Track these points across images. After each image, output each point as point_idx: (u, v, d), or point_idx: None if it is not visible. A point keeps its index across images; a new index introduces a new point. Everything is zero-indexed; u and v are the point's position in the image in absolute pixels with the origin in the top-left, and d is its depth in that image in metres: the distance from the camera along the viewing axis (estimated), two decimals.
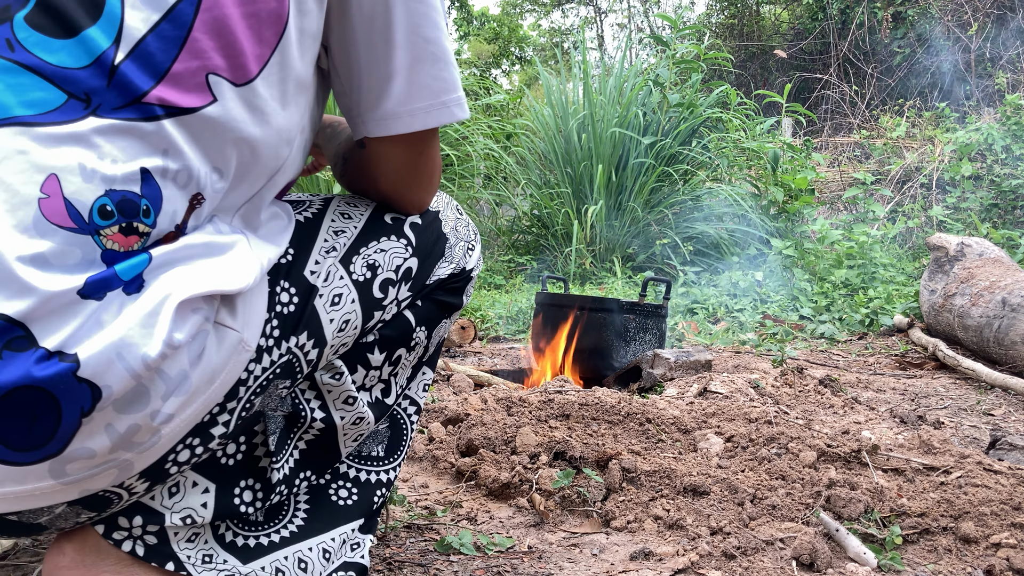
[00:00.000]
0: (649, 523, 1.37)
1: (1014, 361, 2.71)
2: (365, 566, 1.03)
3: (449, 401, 2.00)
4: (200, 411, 0.76)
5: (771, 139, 6.03)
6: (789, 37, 11.02)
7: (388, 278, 0.95)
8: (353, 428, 1.00)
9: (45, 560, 0.86)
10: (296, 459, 0.96)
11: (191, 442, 0.79)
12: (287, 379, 0.87)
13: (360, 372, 0.98)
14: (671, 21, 5.96)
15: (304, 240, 0.91)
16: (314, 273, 0.88)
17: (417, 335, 1.03)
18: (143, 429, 0.71)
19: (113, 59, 0.71)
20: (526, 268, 5.72)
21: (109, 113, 0.70)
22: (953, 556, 1.25)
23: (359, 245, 0.94)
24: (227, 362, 0.77)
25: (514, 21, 16.64)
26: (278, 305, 0.84)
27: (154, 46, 0.72)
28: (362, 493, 1.04)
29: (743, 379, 2.37)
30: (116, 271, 0.68)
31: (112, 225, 0.69)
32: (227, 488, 0.90)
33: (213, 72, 0.75)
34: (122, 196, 0.70)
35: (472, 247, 1.08)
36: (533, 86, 12.65)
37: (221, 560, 0.91)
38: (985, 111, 7.67)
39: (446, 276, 1.03)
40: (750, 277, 4.47)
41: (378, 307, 0.95)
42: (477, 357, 3.30)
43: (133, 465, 0.74)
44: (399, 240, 0.98)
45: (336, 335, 0.90)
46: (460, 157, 6.15)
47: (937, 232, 4.36)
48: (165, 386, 0.71)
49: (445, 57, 0.90)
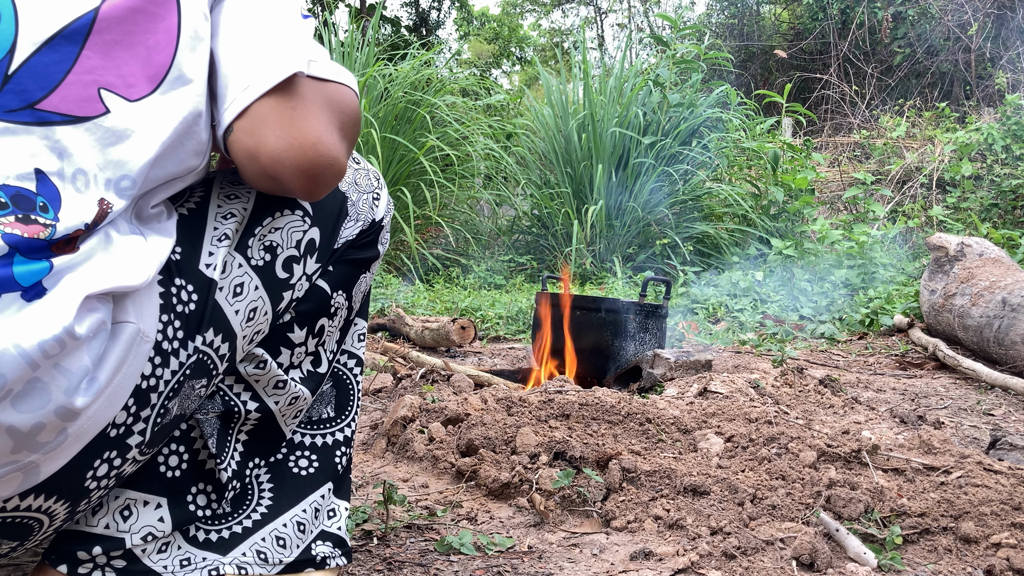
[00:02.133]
0: (649, 523, 1.37)
1: (1014, 361, 2.71)
2: (343, 538, 1.02)
3: (449, 401, 2.00)
4: (107, 410, 0.75)
5: (771, 139, 6.03)
6: (789, 37, 11.01)
7: (291, 255, 0.91)
8: (291, 408, 0.98)
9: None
10: (241, 452, 0.96)
11: (108, 455, 0.77)
12: (202, 378, 0.85)
13: (284, 354, 0.95)
14: (671, 21, 5.96)
15: (193, 232, 0.86)
16: (209, 266, 0.85)
17: (335, 300, 0.99)
18: (47, 428, 0.70)
19: (7, 69, 0.74)
20: (526, 268, 5.72)
21: (3, 115, 0.73)
22: (953, 556, 1.25)
23: (252, 226, 0.89)
24: (128, 353, 0.75)
25: (514, 21, 16.64)
26: (178, 304, 0.82)
27: (48, 58, 0.75)
28: (322, 457, 1.03)
29: (743, 379, 2.37)
30: (14, 273, 0.68)
31: (8, 215, 0.70)
32: (179, 499, 0.90)
33: (105, 88, 0.77)
34: (16, 191, 0.71)
35: (377, 195, 1.03)
36: (533, 86, 12.65)
37: (200, 559, 0.91)
38: (985, 111, 7.67)
39: (355, 236, 0.99)
40: (750, 277, 4.47)
41: (285, 287, 0.92)
42: (477, 357, 3.30)
43: (39, 469, 0.72)
44: (294, 212, 0.92)
45: (245, 325, 0.88)
46: (460, 157, 6.15)
47: (937, 232, 4.36)
48: (67, 381, 0.70)
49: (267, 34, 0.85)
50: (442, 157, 6.03)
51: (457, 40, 16.28)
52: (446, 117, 6.09)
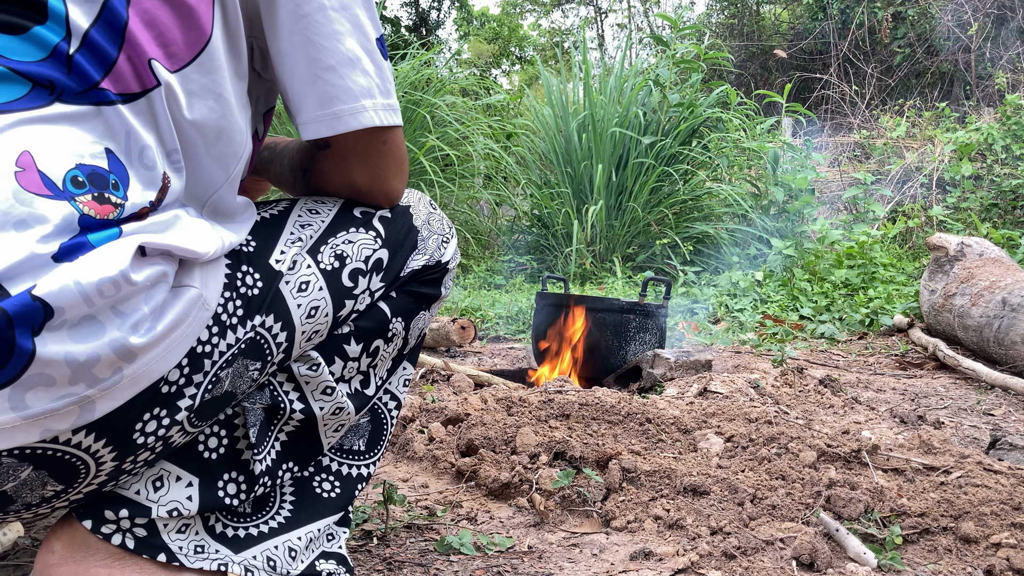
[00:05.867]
0: (649, 523, 1.37)
1: (1014, 361, 2.71)
2: (345, 556, 1.05)
3: (449, 401, 2.00)
4: (162, 361, 0.78)
5: (771, 139, 6.03)
6: (789, 37, 11.02)
7: (358, 268, 0.97)
8: (333, 418, 1.01)
9: (36, 560, 0.86)
10: (278, 451, 0.98)
11: (158, 412, 0.80)
12: (256, 360, 0.89)
13: (338, 363, 0.99)
14: (671, 21, 5.96)
15: (269, 232, 0.94)
16: (279, 262, 0.91)
17: (394, 326, 1.04)
18: (103, 362, 0.72)
19: (67, 51, 0.76)
20: (526, 268, 5.72)
21: (72, 99, 0.76)
22: (953, 556, 1.25)
23: (327, 236, 0.97)
24: (187, 314, 0.79)
25: (514, 21, 16.65)
26: (243, 287, 0.87)
27: (99, 38, 0.77)
28: (344, 486, 1.07)
29: (743, 379, 2.37)
30: (89, 239, 0.72)
31: (85, 194, 0.73)
32: (210, 481, 0.92)
33: (153, 59, 0.80)
34: (92, 170, 0.74)
35: (447, 240, 1.10)
36: (533, 86, 12.65)
37: (213, 550, 0.93)
38: (985, 111, 7.67)
39: (420, 267, 1.05)
40: (750, 277, 4.47)
41: (348, 295, 0.97)
42: (477, 357, 3.30)
43: (95, 405, 0.74)
44: (368, 232, 1.00)
45: (305, 320, 0.92)
46: (460, 157, 6.16)
47: (937, 232, 4.36)
48: (120, 321, 0.73)
49: (361, 65, 0.94)
50: (442, 157, 6.03)
51: (457, 40, 16.28)
52: (446, 117, 6.09)
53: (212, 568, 0.91)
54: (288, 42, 0.91)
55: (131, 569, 0.87)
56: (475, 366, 2.98)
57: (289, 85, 0.93)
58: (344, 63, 0.92)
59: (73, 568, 0.85)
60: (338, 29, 0.92)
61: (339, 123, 0.93)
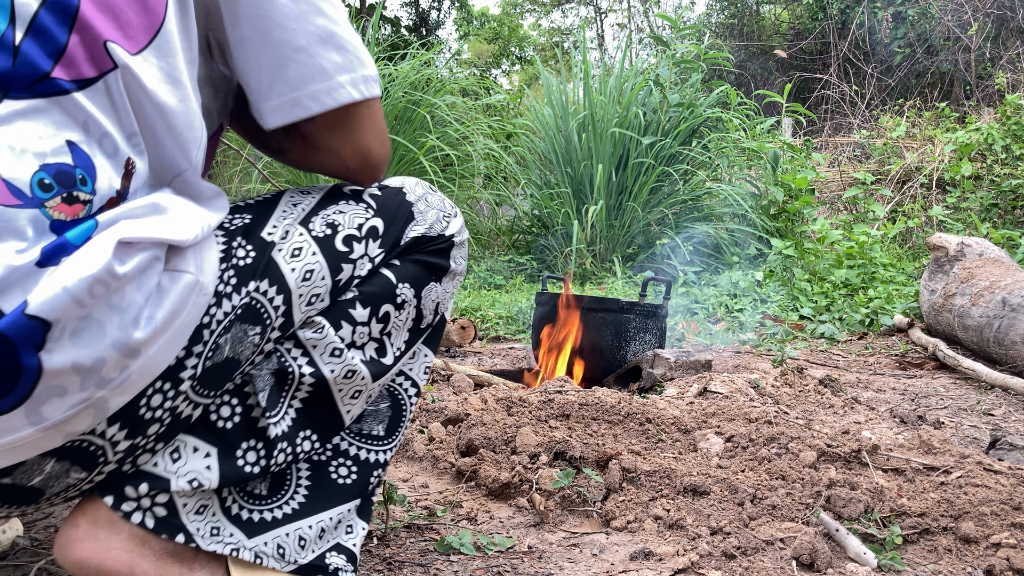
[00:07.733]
0: (649, 523, 1.37)
1: (1014, 361, 2.71)
2: (355, 554, 1.04)
3: (449, 401, 2.00)
4: (166, 351, 0.78)
5: (771, 139, 6.03)
6: (789, 37, 11.02)
7: (351, 234, 0.97)
8: (347, 383, 1.00)
9: (59, 532, 0.87)
10: (293, 417, 0.97)
11: (161, 386, 0.81)
12: (256, 325, 0.89)
13: (346, 328, 0.98)
14: (671, 21, 5.96)
15: (261, 211, 0.94)
16: (271, 234, 0.92)
17: (402, 291, 1.03)
18: (109, 363, 0.73)
19: (13, 39, 0.72)
20: (526, 268, 5.72)
21: (22, 93, 0.72)
22: (953, 556, 1.25)
23: (318, 210, 0.97)
24: (185, 302, 0.79)
25: (514, 21, 16.65)
26: (235, 259, 0.87)
27: (48, 21, 0.74)
28: (360, 472, 1.06)
29: (743, 379, 2.37)
30: (68, 238, 0.71)
31: (54, 196, 0.72)
32: (229, 451, 0.92)
33: (110, 40, 0.77)
34: (56, 168, 0.73)
35: (448, 216, 1.09)
36: (533, 86, 12.65)
37: (228, 533, 0.94)
38: (985, 111, 7.67)
39: (420, 236, 1.04)
40: (750, 277, 4.47)
41: (344, 259, 0.96)
42: (477, 357, 3.30)
43: (108, 404, 0.75)
44: (359, 204, 1.00)
45: (300, 284, 0.92)
46: (460, 157, 6.16)
47: (937, 232, 4.36)
48: (119, 317, 0.73)
49: (335, 40, 0.93)
50: (442, 157, 6.03)
51: (457, 40, 16.28)
52: (446, 117, 6.09)
53: (225, 552, 0.92)
54: (252, 28, 0.89)
55: (149, 560, 0.88)
56: (475, 366, 2.98)
57: (256, 73, 0.91)
58: (315, 42, 0.91)
59: (95, 547, 0.86)
60: (304, 9, 0.90)
61: (315, 103, 0.91)
